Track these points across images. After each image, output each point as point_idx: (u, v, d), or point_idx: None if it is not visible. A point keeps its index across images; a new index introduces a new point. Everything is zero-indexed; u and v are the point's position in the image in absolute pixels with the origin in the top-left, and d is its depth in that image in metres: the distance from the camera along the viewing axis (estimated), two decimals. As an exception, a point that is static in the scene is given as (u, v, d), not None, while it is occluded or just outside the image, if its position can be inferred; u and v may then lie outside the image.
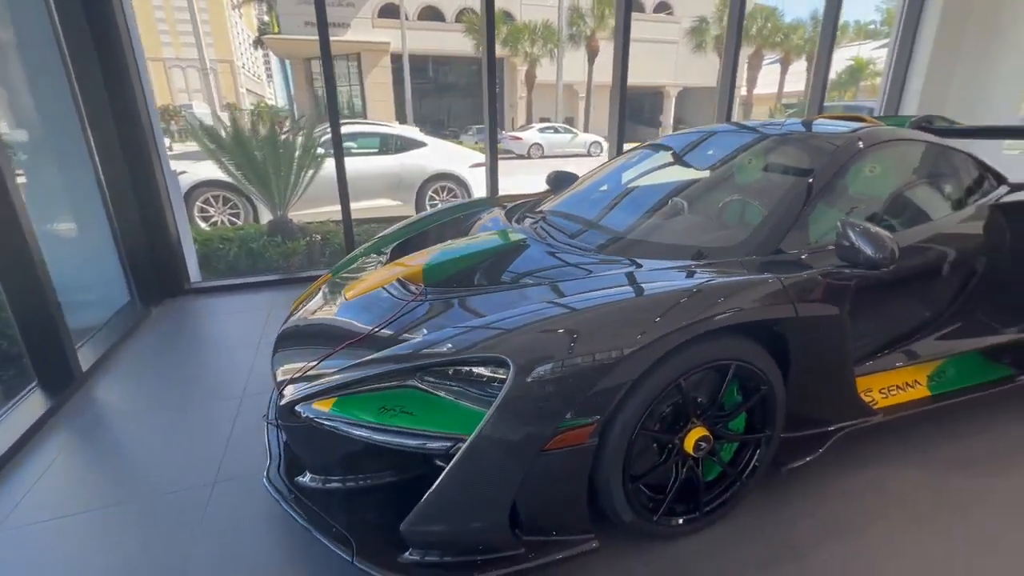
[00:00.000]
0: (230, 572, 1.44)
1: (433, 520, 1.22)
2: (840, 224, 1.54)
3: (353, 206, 3.89)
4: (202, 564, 1.46)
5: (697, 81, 28.06)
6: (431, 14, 24.65)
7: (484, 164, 4.73)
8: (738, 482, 1.55)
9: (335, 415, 1.31)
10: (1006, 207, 2.14)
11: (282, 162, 4.38)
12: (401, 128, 7.21)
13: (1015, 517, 1.62)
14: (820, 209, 1.79)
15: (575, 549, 1.32)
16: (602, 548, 1.35)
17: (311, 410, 1.34)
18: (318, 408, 1.34)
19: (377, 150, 6.33)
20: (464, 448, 1.17)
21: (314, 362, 1.48)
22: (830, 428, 1.70)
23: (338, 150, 3.69)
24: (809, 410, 1.67)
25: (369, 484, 1.47)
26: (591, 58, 24.95)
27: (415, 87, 22.81)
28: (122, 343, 2.85)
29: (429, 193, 6.27)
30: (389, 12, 22.80)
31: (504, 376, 1.22)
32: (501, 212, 2.45)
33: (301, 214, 5.00)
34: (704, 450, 1.42)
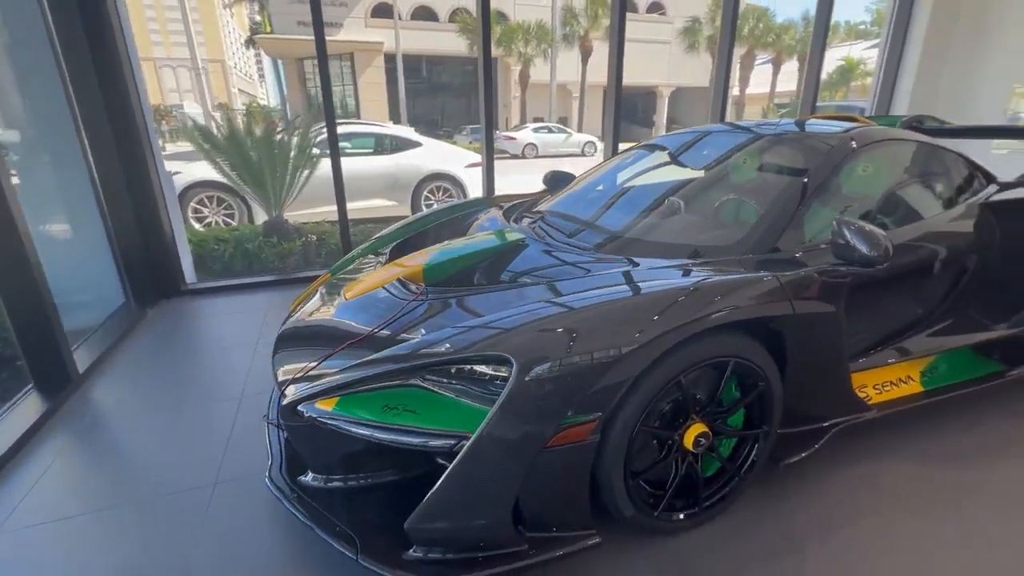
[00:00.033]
0: (232, 573, 1.44)
1: (437, 517, 1.23)
2: (835, 223, 1.57)
3: (349, 206, 3.88)
4: (204, 565, 1.46)
5: (690, 81, 28.20)
6: (424, 14, 24.60)
7: (479, 164, 4.75)
8: (736, 477, 1.58)
9: (338, 414, 1.32)
10: (996, 206, 2.17)
11: (277, 162, 4.36)
12: (396, 128, 7.20)
13: (1005, 510, 1.65)
14: (815, 208, 1.81)
15: (577, 545, 1.33)
16: (603, 543, 1.37)
17: (314, 409, 1.35)
18: (321, 407, 1.34)
19: (372, 150, 6.31)
20: (468, 446, 1.18)
21: (315, 362, 1.49)
22: (826, 424, 1.73)
23: (334, 150, 3.68)
24: (805, 406, 1.69)
25: (371, 483, 1.47)
26: (585, 58, 25.01)
27: (409, 87, 22.77)
28: (118, 345, 2.83)
29: (425, 193, 6.27)
30: (382, 12, 22.74)
31: (506, 374, 1.23)
32: (499, 212, 2.46)
33: (296, 214, 4.98)
34: (703, 446, 1.44)
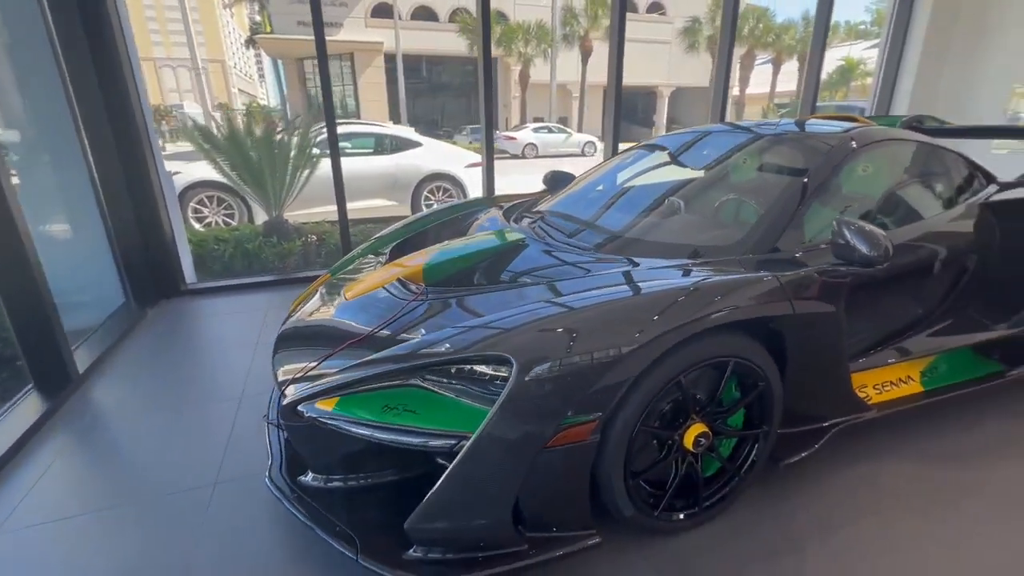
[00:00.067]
0: (233, 573, 1.44)
1: (437, 517, 1.23)
2: (835, 223, 1.57)
3: (349, 206, 3.88)
4: (204, 565, 1.46)
5: (690, 81, 28.20)
6: (424, 14, 24.61)
7: (479, 164, 4.74)
8: (736, 477, 1.58)
9: (338, 414, 1.32)
10: (996, 206, 2.17)
11: (277, 162, 4.36)
12: (396, 128, 7.20)
13: (1004, 510, 1.65)
14: (815, 208, 1.81)
15: (577, 544, 1.33)
16: (603, 543, 1.37)
17: (314, 409, 1.35)
18: (321, 407, 1.34)
19: (372, 150, 6.31)
20: (468, 446, 1.18)
21: (315, 362, 1.49)
22: (826, 424, 1.73)
23: (334, 150, 3.68)
24: (805, 406, 1.69)
25: (370, 483, 1.47)
26: (585, 58, 25.01)
27: (409, 87, 22.77)
28: (118, 345, 2.83)
29: (425, 193, 6.27)
30: (382, 12, 22.74)
31: (506, 374, 1.23)
32: (499, 212, 2.46)
33: (296, 214, 4.98)
34: (703, 446, 1.44)
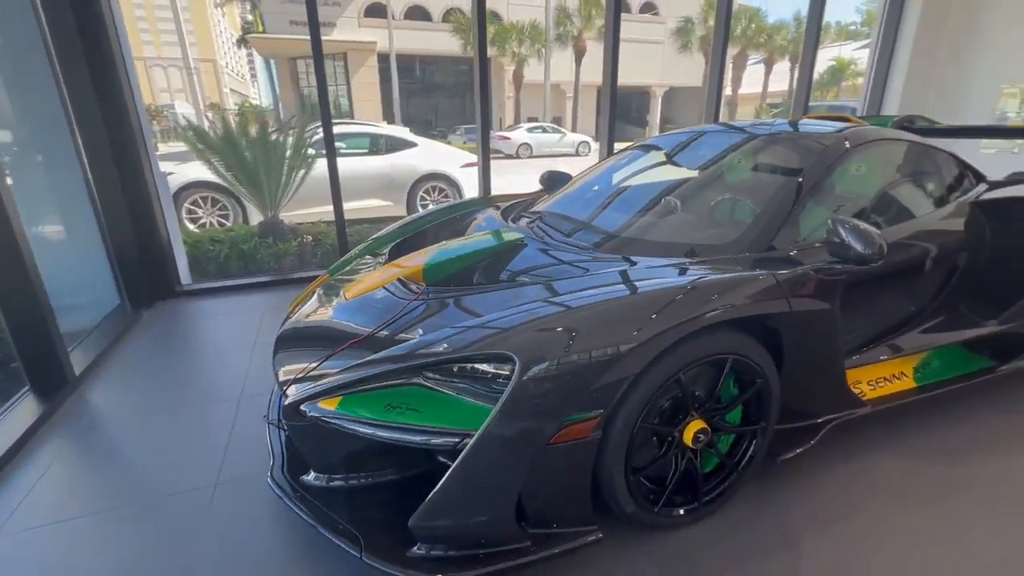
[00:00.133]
0: (235, 573, 1.44)
1: (441, 515, 1.24)
2: (830, 221, 1.59)
3: (344, 206, 3.88)
4: (206, 565, 1.46)
5: (683, 81, 28.34)
6: (418, 14, 24.56)
7: (475, 164, 4.75)
8: (735, 473, 1.60)
9: (341, 413, 1.33)
10: (985, 204, 2.21)
11: (273, 162, 4.34)
12: (391, 128, 7.19)
13: (993, 504, 1.69)
14: (809, 207, 1.84)
15: (579, 540, 1.35)
16: (604, 539, 1.38)
17: (317, 409, 1.35)
18: (324, 407, 1.35)
19: (367, 150, 6.30)
20: (471, 443, 1.19)
21: (317, 362, 1.49)
22: (821, 420, 1.75)
23: (330, 150, 3.67)
24: (802, 402, 1.71)
25: (372, 482, 1.48)
26: (578, 58, 25.05)
27: (402, 87, 22.71)
28: (114, 347, 2.82)
29: (420, 193, 6.27)
30: (375, 11, 22.67)
31: (508, 372, 1.25)
32: (496, 212, 2.47)
33: (291, 215, 4.96)
34: (702, 442, 1.46)
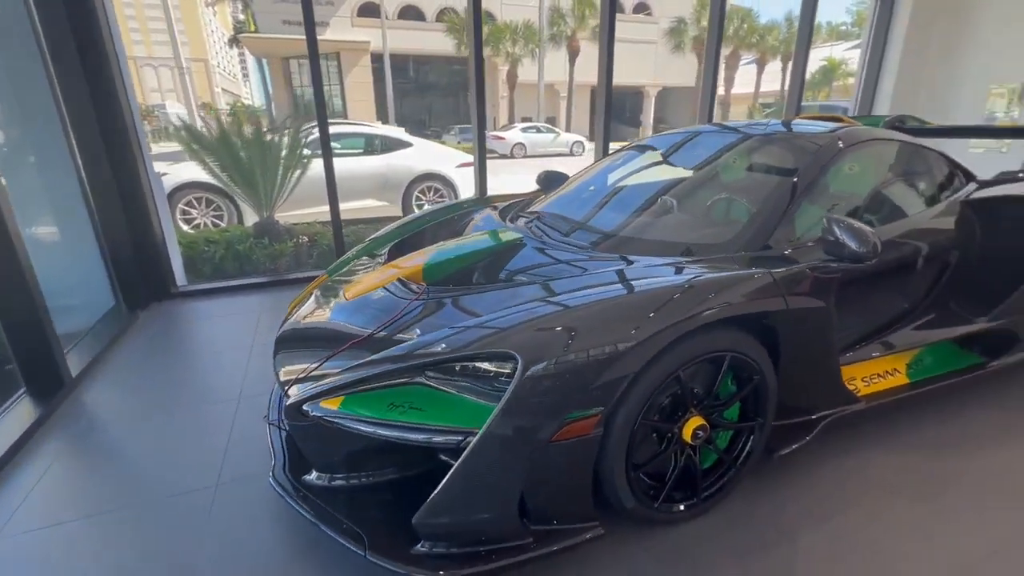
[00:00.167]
0: (237, 573, 1.44)
1: (444, 512, 1.25)
2: (825, 220, 1.62)
3: (340, 207, 3.87)
4: (209, 566, 1.46)
5: (676, 81, 28.46)
6: (411, 13, 24.49)
7: (471, 164, 4.75)
8: (733, 468, 1.62)
9: (344, 413, 1.33)
10: (975, 203, 2.25)
11: (268, 162, 4.33)
12: (386, 128, 7.18)
13: (982, 498, 1.72)
14: (804, 206, 1.86)
15: (581, 536, 1.36)
16: (604, 535, 1.39)
17: (319, 409, 1.36)
18: (326, 407, 1.35)
19: (362, 151, 6.29)
20: (475, 441, 1.20)
21: (318, 362, 1.49)
22: (817, 416, 1.78)
23: (326, 150, 3.67)
24: (797, 398, 1.74)
25: (374, 481, 1.49)
26: (572, 58, 25.10)
27: (396, 87, 22.65)
28: (110, 348, 2.80)
29: (416, 194, 6.27)
30: (369, 11, 22.59)
31: (510, 371, 1.26)
32: (494, 212, 2.48)
33: (287, 215, 4.95)
34: (701, 438, 1.48)
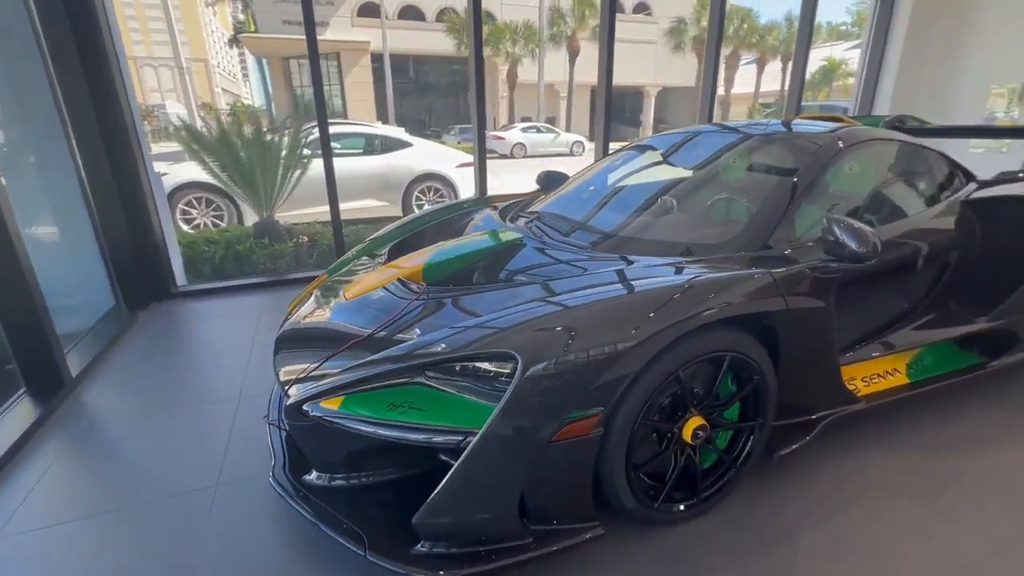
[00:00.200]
0: (238, 573, 1.44)
1: (444, 512, 1.25)
2: (825, 220, 1.62)
3: (340, 207, 3.87)
4: (209, 566, 1.46)
5: (676, 81, 28.46)
6: (411, 13, 24.49)
7: (471, 164, 4.74)
8: (733, 468, 1.62)
9: (344, 413, 1.33)
10: (975, 203, 2.25)
11: (268, 162, 4.33)
12: (386, 128, 7.18)
13: (982, 498, 1.72)
14: (804, 206, 1.86)
15: (581, 536, 1.36)
16: (605, 535, 1.39)
17: (319, 409, 1.36)
18: (326, 407, 1.35)
19: (362, 151, 6.29)
20: (475, 441, 1.20)
21: (318, 362, 1.49)
22: (817, 416, 1.78)
23: (326, 150, 3.67)
24: (797, 398, 1.74)
25: (374, 481, 1.49)
26: (572, 58, 25.10)
27: (396, 87, 22.64)
28: (110, 348, 2.80)
29: (416, 193, 6.27)
30: (369, 11, 22.58)
31: (510, 371, 1.26)
32: (494, 212, 2.48)
33: (286, 215, 4.95)
34: (701, 438, 1.48)
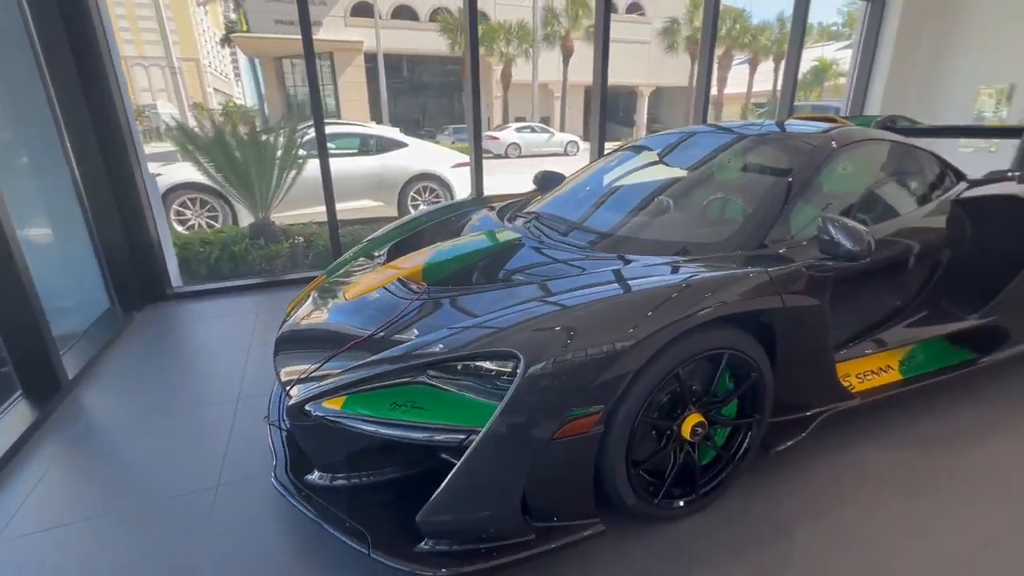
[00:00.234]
0: (239, 573, 1.44)
1: (447, 510, 1.26)
2: (820, 219, 1.64)
3: (335, 207, 3.87)
4: (210, 566, 1.46)
5: (670, 81, 28.58)
6: (405, 13, 24.44)
7: (466, 164, 4.75)
8: (731, 464, 1.64)
9: (346, 412, 1.34)
10: (966, 202, 2.29)
11: (264, 163, 4.31)
12: (381, 128, 7.17)
13: (973, 493, 1.75)
14: (798, 206, 1.89)
15: (582, 533, 1.37)
16: (605, 531, 1.40)
17: (321, 408, 1.36)
18: (328, 407, 1.36)
19: (357, 151, 6.27)
20: (478, 440, 1.21)
21: (319, 363, 1.50)
22: (812, 412, 1.80)
23: (323, 150, 3.67)
24: (793, 395, 1.76)
25: (375, 480, 1.49)
26: (566, 58, 25.14)
27: (389, 87, 22.58)
28: (106, 350, 2.78)
29: (411, 194, 6.26)
30: (362, 11, 22.52)
31: (511, 369, 1.27)
32: (492, 212, 2.49)
33: (282, 216, 4.93)
34: (700, 435, 1.50)
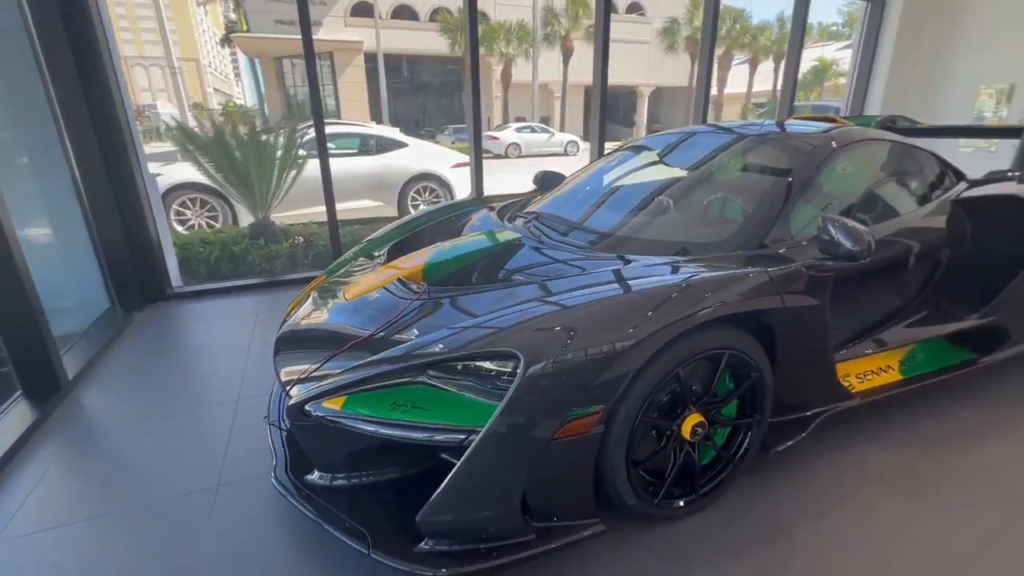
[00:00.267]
0: (240, 574, 1.44)
1: (447, 510, 1.26)
2: (820, 219, 1.64)
3: (335, 207, 3.87)
4: (210, 566, 1.46)
5: (670, 81, 28.57)
6: (405, 13, 24.43)
7: (466, 164, 4.75)
8: (731, 464, 1.64)
9: (346, 412, 1.34)
10: (966, 202, 2.29)
11: (264, 163, 4.31)
12: (381, 128, 7.17)
13: (973, 493, 1.75)
14: (798, 206, 1.89)
15: (582, 533, 1.37)
16: (605, 531, 1.40)
17: (321, 408, 1.36)
18: (328, 407, 1.36)
19: (357, 151, 6.27)
20: (478, 439, 1.21)
21: (319, 363, 1.50)
22: (812, 412, 1.80)
23: (323, 150, 3.67)
24: (793, 395, 1.76)
25: (375, 480, 1.49)
26: (566, 58, 25.13)
27: (389, 87, 22.58)
28: (106, 350, 2.78)
29: (411, 194, 6.26)
30: (362, 11, 22.51)
31: (511, 369, 1.27)
32: (492, 212, 2.49)
33: (282, 216, 4.93)
34: (700, 435, 1.50)
